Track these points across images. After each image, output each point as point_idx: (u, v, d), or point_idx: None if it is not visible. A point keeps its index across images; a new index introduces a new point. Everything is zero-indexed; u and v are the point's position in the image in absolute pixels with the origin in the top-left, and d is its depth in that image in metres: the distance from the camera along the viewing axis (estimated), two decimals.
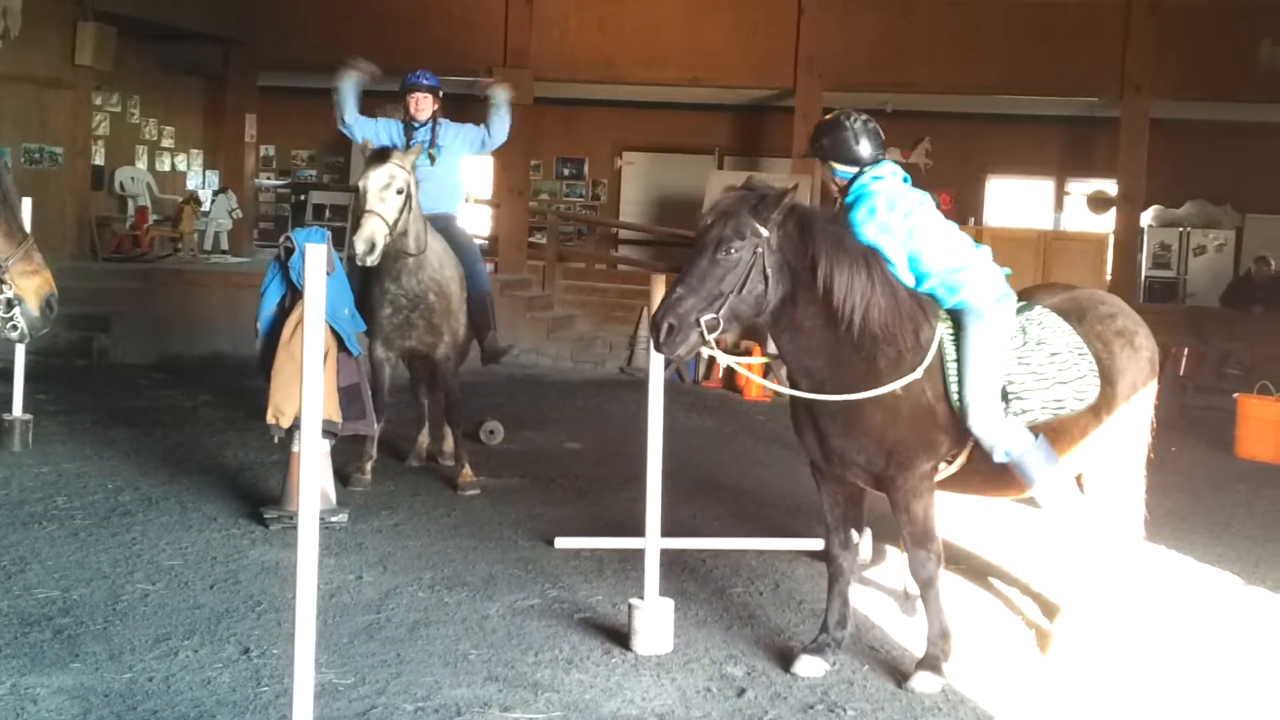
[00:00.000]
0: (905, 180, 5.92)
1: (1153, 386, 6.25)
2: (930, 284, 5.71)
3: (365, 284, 8.98)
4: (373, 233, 8.30)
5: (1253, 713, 5.67)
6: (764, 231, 5.39)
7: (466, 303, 9.26)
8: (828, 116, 6.05)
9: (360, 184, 8.50)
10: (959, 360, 5.64)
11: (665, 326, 5.33)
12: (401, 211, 8.47)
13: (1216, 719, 5.57)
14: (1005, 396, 5.68)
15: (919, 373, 5.57)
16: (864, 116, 5.97)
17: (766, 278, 5.40)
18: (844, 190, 5.93)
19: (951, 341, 5.68)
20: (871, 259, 5.57)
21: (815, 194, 18.09)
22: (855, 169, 5.89)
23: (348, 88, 9.38)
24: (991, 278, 5.80)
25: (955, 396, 5.61)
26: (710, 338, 5.36)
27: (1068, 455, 5.96)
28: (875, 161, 5.88)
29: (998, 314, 5.72)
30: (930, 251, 5.71)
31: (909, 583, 5.82)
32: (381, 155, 8.58)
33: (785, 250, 5.45)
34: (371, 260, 8.35)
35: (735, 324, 5.57)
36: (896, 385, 5.54)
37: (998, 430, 5.59)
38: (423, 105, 9.55)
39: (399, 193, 8.45)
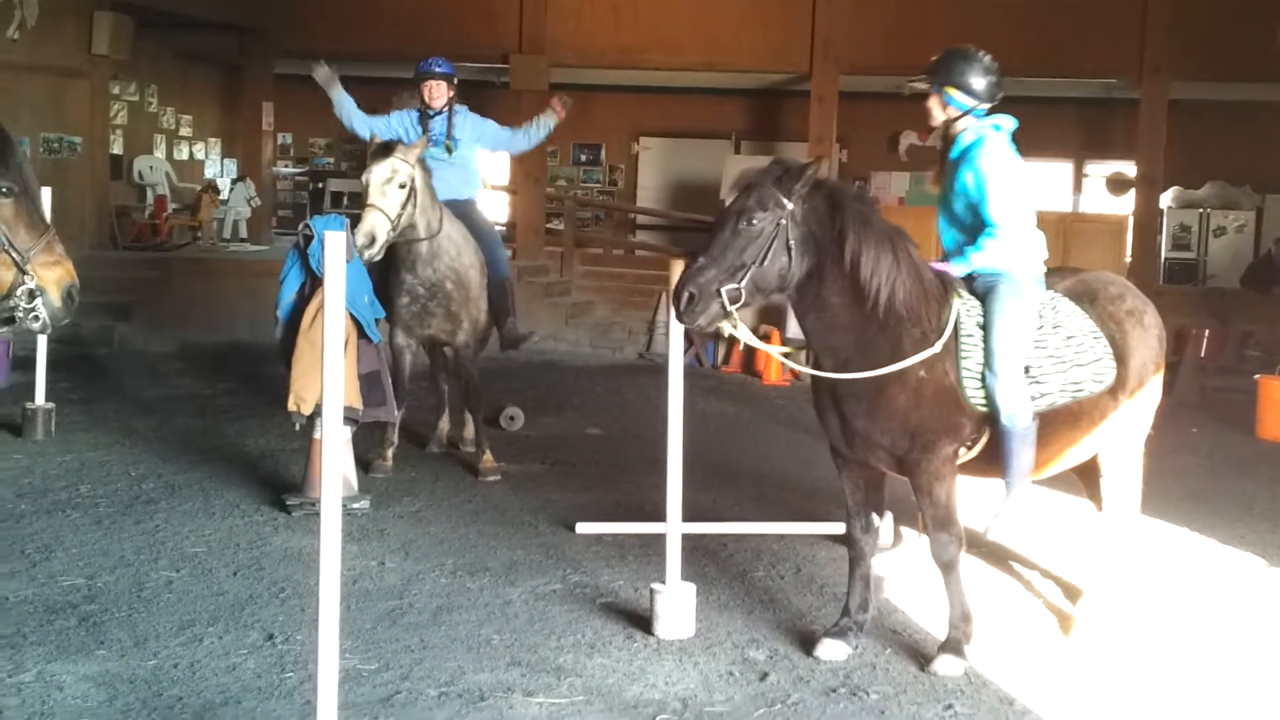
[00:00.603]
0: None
1: (1161, 363, 6.25)
2: (990, 239, 5.76)
3: (384, 273, 9.00)
4: (373, 226, 8.31)
5: (1275, 695, 5.65)
6: (787, 203, 5.39)
7: (486, 289, 9.26)
8: (951, 49, 6.08)
9: (364, 178, 8.51)
10: (986, 325, 5.67)
11: (686, 295, 5.34)
12: (405, 206, 8.46)
13: (1239, 701, 5.56)
14: (1026, 372, 5.69)
15: (937, 347, 5.58)
16: (989, 56, 6.04)
17: (790, 250, 5.41)
18: (947, 124, 5.98)
19: (969, 316, 5.69)
20: (897, 238, 5.58)
21: (833, 177, 18.08)
22: (970, 104, 5.94)
23: (336, 95, 9.47)
24: (1038, 260, 5.95)
25: (971, 371, 5.61)
26: (732, 309, 5.37)
27: (1089, 437, 5.96)
28: (990, 101, 5.96)
29: (1032, 292, 5.82)
30: (1014, 209, 5.81)
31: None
32: (385, 149, 8.58)
33: (810, 224, 5.45)
34: (371, 254, 8.33)
35: (758, 297, 5.55)
36: (914, 360, 5.55)
37: (1016, 395, 5.59)
38: (437, 93, 9.55)
39: (401, 187, 8.44)
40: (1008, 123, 6.01)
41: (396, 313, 9.00)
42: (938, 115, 6.03)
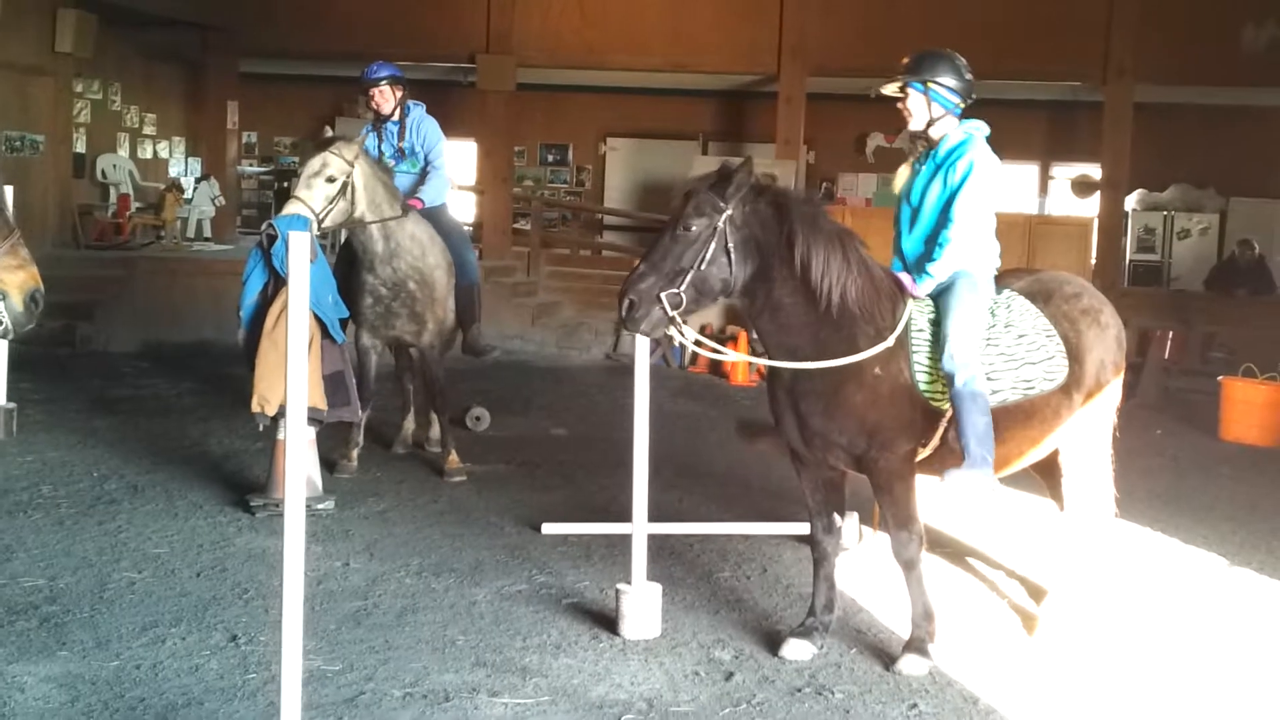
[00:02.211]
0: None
1: (1121, 363, 6.27)
2: (952, 238, 5.80)
3: (348, 275, 8.96)
4: (293, 211, 8.24)
5: (1238, 694, 5.69)
6: (725, 207, 5.43)
7: (454, 291, 9.21)
8: (923, 50, 6.10)
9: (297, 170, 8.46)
10: (942, 310, 5.72)
11: (626, 303, 5.42)
12: (332, 201, 8.35)
13: (1203, 700, 5.59)
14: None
15: (890, 341, 5.63)
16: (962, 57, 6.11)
17: (729, 254, 5.46)
18: (928, 125, 6.00)
19: (920, 313, 5.75)
20: (846, 238, 5.63)
21: (800, 178, 18.13)
22: (954, 101, 5.98)
23: None
24: (992, 264, 6.01)
25: (922, 365, 5.63)
26: (674, 314, 5.42)
27: (1045, 435, 5.99)
28: (966, 102, 6.02)
29: (986, 290, 5.89)
30: (981, 212, 5.87)
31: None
32: (323, 143, 8.55)
33: (752, 227, 5.50)
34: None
35: (703, 301, 5.58)
36: (870, 354, 5.58)
37: (970, 359, 5.61)
38: (383, 99, 9.44)
39: (329, 180, 8.33)
40: (985, 128, 6.03)
41: (361, 314, 8.96)
42: (921, 115, 6.02)
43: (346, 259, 9.18)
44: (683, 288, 5.40)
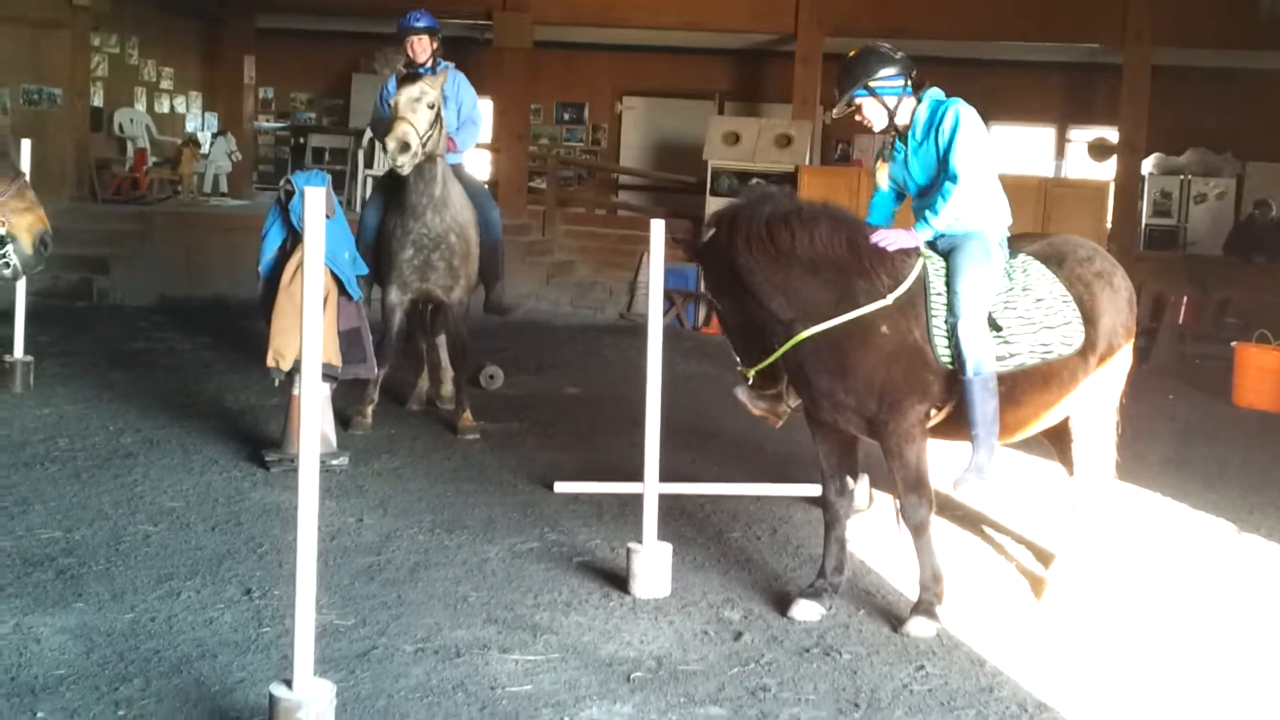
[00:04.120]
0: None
1: (1132, 327, 6.28)
2: (952, 188, 5.82)
3: (382, 227, 8.99)
4: (405, 133, 8.36)
5: (1246, 661, 5.72)
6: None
7: (480, 249, 9.26)
8: (846, 60, 6.11)
9: (392, 101, 8.56)
10: (951, 275, 5.74)
11: None
12: (432, 126, 8.53)
13: (1210, 666, 5.62)
14: (994, 325, 5.72)
15: (889, 300, 5.65)
16: (882, 44, 6.12)
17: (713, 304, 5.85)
18: (891, 116, 6.00)
19: (937, 275, 5.74)
20: (814, 218, 5.70)
21: (816, 138, 18.07)
22: (898, 84, 5.96)
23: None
24: (1003, 223, 6.03)
25: (940, 329, 5.65)
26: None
27: (1061, 399, 6.00)
28: (911, 73, 6.00)
29: (997, 251, 5.90)
30: (979, 162, 5.87)
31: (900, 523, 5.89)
32: (413, 76, 8.64)
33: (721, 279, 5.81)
34: (403, 161, 8.38)
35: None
36: (860, 313, 5.62)
37: (980, 343, 5.63)
38: (420, 48, 9.45)
39: (430, 107, 8.53)
40: (940, 92, 6.04)
41: (397, 267, 8.94)
42: (879, 115, 6.04)
43: (378, 212, 9.19)
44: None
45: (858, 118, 6.09)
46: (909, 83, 6.00)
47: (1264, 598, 6.51)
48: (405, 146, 8.35)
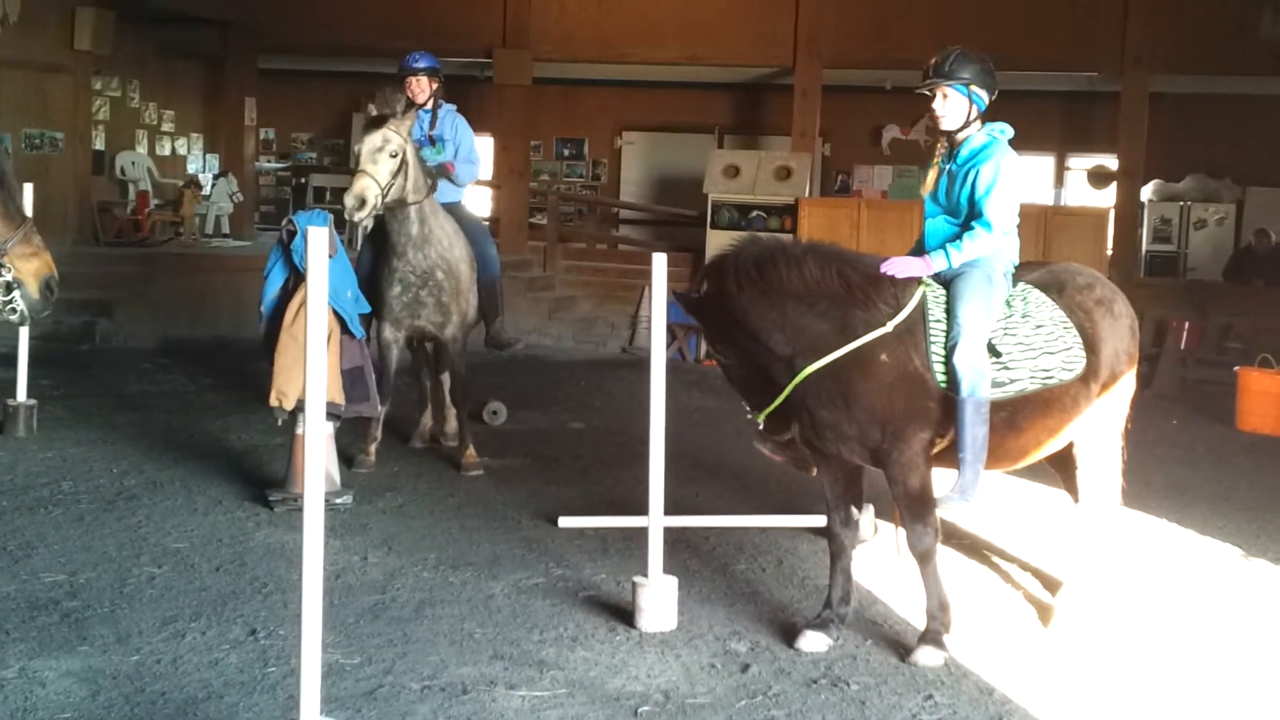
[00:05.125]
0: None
1: (1135, 353, 6.28)
2: (981, 234, 5.85)
3: (374, 265, 9.03)
4: (363, 189, 8.41)
5: (1255, 686, 5.70)
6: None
7: (476, 285, 9.28)
8: (953, 49, 6.09)
9: (354, 148, 8.59)
10: (952, 300, 5.75)
11: None
12: (395, 176, 8.54)
13: (1219, 693, 5.60)
14: (993, 351, 5.72)
15: (889, 328, 5.66)
16: None
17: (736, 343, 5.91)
18: (964, 126, 6.02)
19: (936, 302, 5.75)
20: (805, 255, 5.75)
21: (816, 170, 18.12)
22: (984, 104, 6.02)
23: None
24: (1011, 257, 6.05)
25: (939, 356, 5.65)
26: None
27: (1064, 425, 6.00)
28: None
29: (1001, 281, 5.91)
30: (1011, 212, 5.94)
31: (901, 549, 5.88)
32: (377, 120, 8.65)
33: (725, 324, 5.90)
34: (361, 217, 8.46)
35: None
36: (861, 342, 5.65)
37: (978, 367, 5.63)
38: (419, 89, 9.49)
39: (392, 156, 8.53)
40: (1010, 130, 6.07)
41: (387, 304, 9.00)
42: (959, 116, 6.02)
43: (372, 250, 9.24)
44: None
45: (934, 105, 6.04)
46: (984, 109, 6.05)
47: (1272, 623, 6.49)
48: (362, 203, 8.40)
